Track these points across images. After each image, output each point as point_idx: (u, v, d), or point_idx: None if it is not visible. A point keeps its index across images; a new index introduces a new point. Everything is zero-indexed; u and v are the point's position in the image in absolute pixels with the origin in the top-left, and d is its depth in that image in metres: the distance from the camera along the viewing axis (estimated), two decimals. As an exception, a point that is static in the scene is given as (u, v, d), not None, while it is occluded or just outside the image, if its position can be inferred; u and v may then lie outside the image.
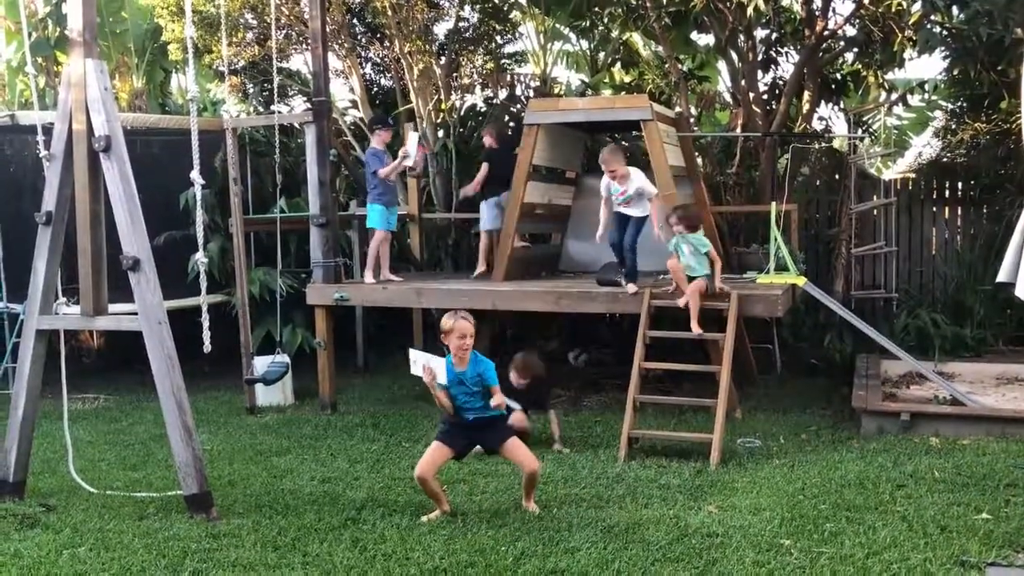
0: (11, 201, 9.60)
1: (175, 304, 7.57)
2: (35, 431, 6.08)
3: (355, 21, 11.61)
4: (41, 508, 5.56)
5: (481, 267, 9.04)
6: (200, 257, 5.99)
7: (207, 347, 5.95)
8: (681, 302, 7.12)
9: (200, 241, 6.07)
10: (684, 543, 4.79)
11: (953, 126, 11.11)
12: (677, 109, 10.15)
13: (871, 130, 12.15)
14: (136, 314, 5.56)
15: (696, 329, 7.01)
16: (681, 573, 4.40)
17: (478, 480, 6.00)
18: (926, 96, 12.34)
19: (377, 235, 8.49)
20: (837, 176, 10.77)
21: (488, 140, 9.10)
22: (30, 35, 10.84)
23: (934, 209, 10.69)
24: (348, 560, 4.62)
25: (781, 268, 7.96)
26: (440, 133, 11.15)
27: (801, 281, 7.83)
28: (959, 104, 11.03)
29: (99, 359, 11.17)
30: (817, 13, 9.83)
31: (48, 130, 5.84)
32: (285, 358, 8.31)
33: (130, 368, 9.64)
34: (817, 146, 11.08)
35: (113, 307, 6.20)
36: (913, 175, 11.22)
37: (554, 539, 4.87)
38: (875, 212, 10.40)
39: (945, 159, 11.06)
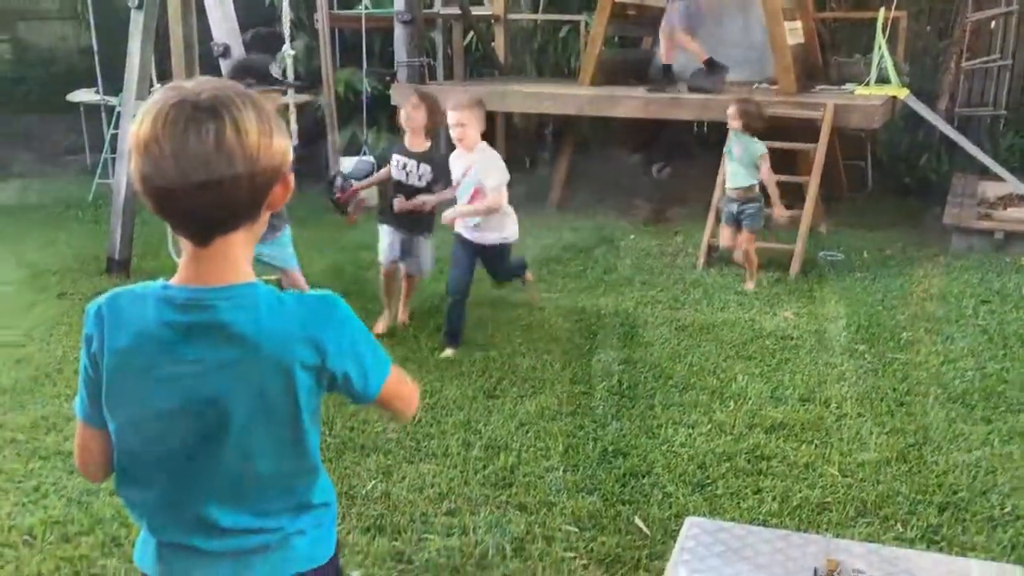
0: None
1: (263, 100, 7.64)
2: (135, 220, 6.39)
3: None
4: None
5: None
6: (287, 49, 6.02)
7: (294, 140, 6.08)
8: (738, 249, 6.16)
9: (286, 34, 6.07)
10: (757, 343, 4.88)
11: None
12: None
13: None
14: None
15: (749, 286, 5.99)
16: (752, 370, 4.51)
17: (556, 279, 6.14)
18: None
19: None
20: (955, -18, 9.94)
21: None
22: None
23: (1062, 20, 9.84)
24: (433, 343, 4.87)
25: (883, 80, 7.56)
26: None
27: (903, 93, 7.43)
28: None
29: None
30: None
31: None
32: (371, 158, 8.40)
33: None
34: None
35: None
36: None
37: (629, 334, 5.02)
38: (993, 23, 9.63)
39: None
